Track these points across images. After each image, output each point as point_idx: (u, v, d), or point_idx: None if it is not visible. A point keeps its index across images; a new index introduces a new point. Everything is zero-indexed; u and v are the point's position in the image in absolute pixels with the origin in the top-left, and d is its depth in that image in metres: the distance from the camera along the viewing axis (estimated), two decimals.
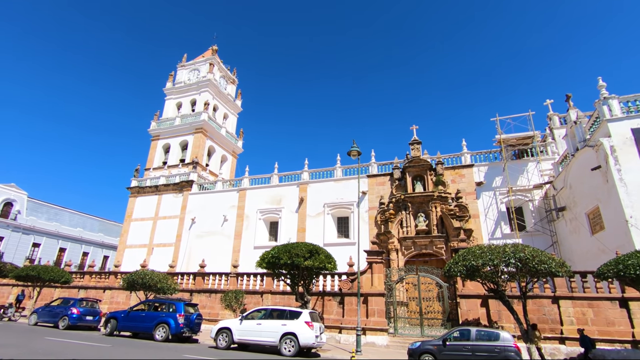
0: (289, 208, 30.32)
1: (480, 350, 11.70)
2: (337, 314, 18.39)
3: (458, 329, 12.78)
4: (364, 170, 29.34)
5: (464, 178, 26.32)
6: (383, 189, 27.91)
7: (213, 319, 19.95)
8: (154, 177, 37.63)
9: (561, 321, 14.69)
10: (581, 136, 19.51)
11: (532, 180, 24.73)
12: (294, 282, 16.32)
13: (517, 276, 12.89)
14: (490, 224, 24.88)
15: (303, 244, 16.02)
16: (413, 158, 26.71)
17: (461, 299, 16.55)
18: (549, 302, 15.18)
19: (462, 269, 12.90)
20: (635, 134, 16.19)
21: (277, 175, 32.29)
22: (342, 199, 28.76)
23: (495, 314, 15.69)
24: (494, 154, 26.59)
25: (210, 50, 46.07)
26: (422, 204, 25.38)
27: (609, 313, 14.34)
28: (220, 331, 14.42)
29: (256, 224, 30.87)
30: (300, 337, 13.03)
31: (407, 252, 24.74)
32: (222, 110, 44.73)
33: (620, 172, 15.80)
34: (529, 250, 12.18)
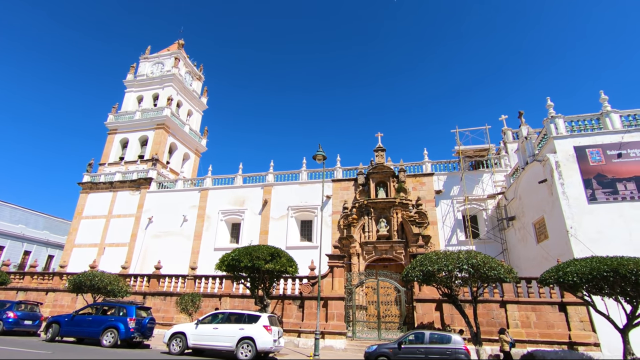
0: (252, 210, 29.89)
1: (432, 353, 12.14)
2: (297, 317, 18.32)
3: (413, 332, 13.18)
4: (329, 175, 29.59)
5: (425, 186, 27.30)
6: (347, 193, 28.29)
7: (167, 323, 19.15)
8: (109, 173, 35.62)
9: (507, 324, 15.57)
10: (531, 151, 20.92)
11: (486, 190, 26.13)
12: (254, 286, 16.08)
13: (470, 281, 13.54)
14: (447, 230, 25.95)
15: (265, 247, 15.85)
16: (377, 165, 27.32)
17: (417, 303, 17.08)
18: (497, 307, 16.05)
19: (419, 274, 13.35)
20: (577, 151, 17.61)
21: (241, 176, 31.73)
22: (306, 203, 28.78)
23: (449, 318, 16.33)
24: (452, 164, 27.82)
25: (176, 44, 44.55)
26: (384, 210, 25.99)
27: (550, 317, 15.42)
28: (174, 336, 13.87)
29: (217, 225, 30.11)
30: (258, 341, 12.83)
31: (368, 256, 25.20)
32: (187, 106, 43.34)
33: (563, 185, 17.10)
34: (481, 257, 12.84)
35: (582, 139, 17.86)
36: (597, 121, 18.47)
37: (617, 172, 16.78)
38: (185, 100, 43.01)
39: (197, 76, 46.18)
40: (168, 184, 34.02)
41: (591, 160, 17.24)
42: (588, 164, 17.23)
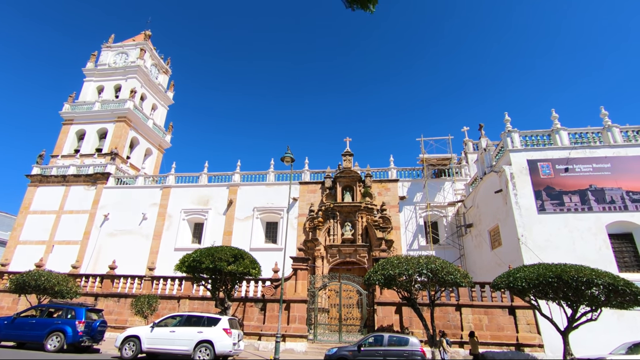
0: (217, 210, 29.21)
1: (391, 355, 12.43)
2: (258, 320, 18.09)
3: (373, 335, 13.44)
4: (297, 177, 29.56)
5: (390, 191, 27.98)
6: (314, 196, 28.39)
7: (120, 327, 18.23)
8: (62, 166, 33.40)
9: (462, 327, 16.28)
10: (489, 162, 22.08)
11: (447, 198, 27.22)
12: (215, 288, 15.70)
13: (428, 285, 14.04)
14: (409, 236, 26.74)
15: (228, 248, 15.54)
16: (344, 169, 27.67)
17: (378, 306, 17.42)
18: (453, 310, 16.73)
19: (381, 278, 13.65)
20: (529, 164, 18.81)
21: (206, 175, 30.93)
22: (272, 204, 28.56)
23: (407, 320, 16.80)
24: (417, 171, 28.74)
25: (142, 34, 42.72)
26: (350, 214, 26.35)
27: (500, 319, 16.29)
28: (126, 339, 13.21)
29: (179, 225, 29.12)
30: (217, 344, 12.54)
31: (332, 259, 25.39)
32: (151, 100, 41.65)
33: (516, 196, 18.19)
34: (439, 262, 13.35)
35: (534, 153, 19.11)
36: (548, 137, 19.83)
37: (564, 185, 18.09)
38: (150, 94, 41.33)
39: (163, 69, 44.55)
40: (127, 180, 32.48)
41: (542, 173, 18.47)
42: (539, 176, 18.45)
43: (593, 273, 11.61)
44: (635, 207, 17.23)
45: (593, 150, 18.68)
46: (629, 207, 17.26)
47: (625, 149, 18.48)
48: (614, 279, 11.57)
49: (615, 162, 18.17)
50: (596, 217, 17.31)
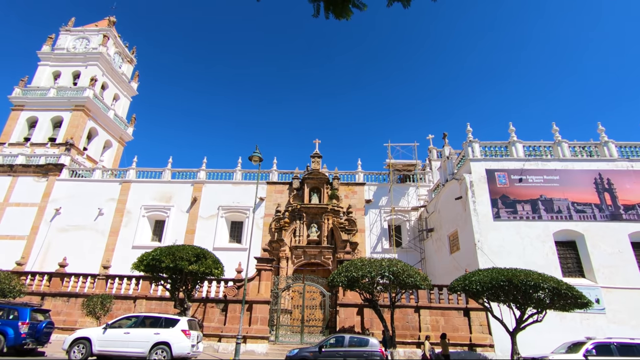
0: (180, 207, 28.30)
1: (351, 356, 12.64)
2: (219, 321, 17.72)
3: (334, 336, 13.60)
4: (265, 177, 29.31)
5: (356, 195, 28.44)
6: (281, 197, 28.26)
7: (70, 328, 17.16)
8: (8, 155, 30.95)
9: (419, 328, 16.85)
10: (451, 170, 23.04)
11: (411, 202, 28.07)
12: (174, 288, 15.20)
13: (389, 288, 14.41)
14: (373, 238, 27.29)
15: (190, 247, 15.12)
16: (312, 170, 27.79)
17: (340, 308, 17.64)
18: (412, 311, 17.28)
19: (344, 280, 13.84)
20: (488, 173, 19.84)
21: (169, 171, 29.88)
22: (238, 203, 28.11)
23: (368, 322, 17.14)
24: (383, 175, 29.42)
25: (106, 20, 40.59)
26: (316, 215, 26.48)
27: (456, 321, 17.03)
28: (76, 342, 12.49)
29: (139, 221, 27.90)
30: (174, 346, 12.15)
31: (297, 260, 25.39)
32: (113, 90, 39.63)
33: (474, 203, 19.11)
34: (401, 265, 13.76)
35: (492, 163, 20.18)
36: (505, 149, 21.02)
37: (517, 195, 19.25)
38: (112, 83, 39.32)
39: (128, 59, 42.57)
40: (83, 172, 30.68)
41: (498, 183, 19.54)
42: (496, 185, 19.50)
43: (540, 277, 12.46)
44: (579, 217, 18.66)
45: (544, 163, 20.03)
46: (574, 217, 18.66)
47: (572, 163, 19.97)
48: (558, 283, 12.48)
49: (563, 174, 19.58)
50: (545, 225, 18.56)
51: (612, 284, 17.18)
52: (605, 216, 18.61)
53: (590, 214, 18.69)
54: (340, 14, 3.99)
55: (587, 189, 19.21)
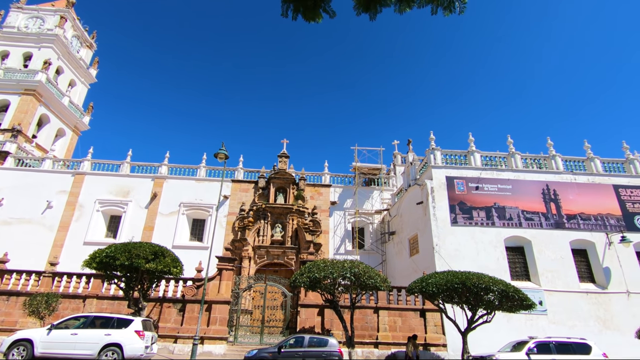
0: (138, 202, 27.09)
1: (310, 356, 12.73)
2: (176, 322, 17.15)
3: (294, 337, 13.63)
4: (230, 175, 28.79)
5: (322, 196, 28.65)
6: (246, 195, 27.88)
7: (9, 329, 15.87)
8: None
9: (378, 328, 17.27)
10: (413, 175, 23.85)
11: (375, 206, 28.72)
12: (129, 287, 14.54)
13: (350, 289, 14.67)
14: (337, 240, 27.62)
15: (147, 244, 14.53)
16: (279, 170, 27.67)
17: (301, 308, 17.69)
18: (371, 312, 17.68)
19: (306, 280, 13.92)
20: (448, 180, 20.74)
21: (129, 164, 28.52)
22: (201, 200, 27.38)
23: (329, 322, 17.33)
24: (349, 178, 29.87)
25: (64, 0, 38.05)
26: (281, 215, 26.38)
27: (412, 321, 17.64)
28: (15, 344, 11.62)
29: (92, 216, 26.37)
30: (127, 348, 11.64)
31: (260, 260, 25.14)
32: (69, 75, 37.19)
33: (434, 208, 19.91)
34: (362, 266, 14.06)
35: (452, 171, 21.13)
36: (464, 157, 22.08)
37: (473, 202, 20.29)
38: (68, 68, 36.90)
39: (87, 43, 40.15)
40: (31, 162, 28.55)
41: (457, 190, 20.50)
42: (455, 192, 20.44)
43: (490, 280, 13.22)
44: (527, 225, 19.99)
45: (499, 173, 21.27)
46: (523, 224, 19.97)
47: (523, 174, 21.36)
48: (506, 286, 13.31)
49: (515, 184, 20.90)
50: (497, 231, 19.70)
51: (554, 287, 18.57)
52: (550, 224, 20.07)
53: (537, 222, 20.08)
54: (310, 17, 4.03)
55: (535, 199, 20.63)
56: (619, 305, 18.42)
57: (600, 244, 19.76)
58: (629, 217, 20.49)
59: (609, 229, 20.08)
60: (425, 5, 3.87)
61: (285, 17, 4.08)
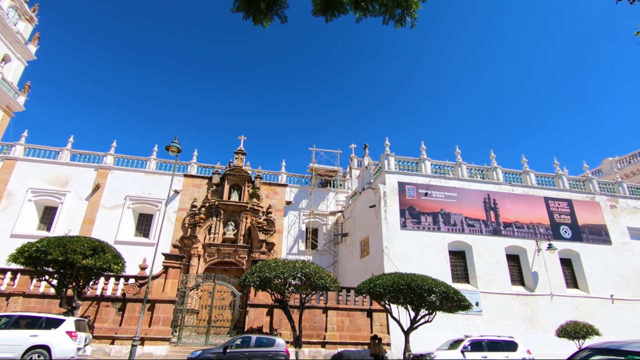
0: (78, 193, 25.17)
1: (256, 356, 12.62)
2: (114, 322, 16.15)
3: (241, 337, 13.43)
4: (182, 169, 27.71)
5: (277, 195, 28.51)
6: (199, 191, 26.99)
7: None
8: None
9: (326, 328, 17.53)
10: (368, 179, 24.52)
11: (329, 207, 29.12)
12: (62, 284, 13.45)
13: (301, 289, 14.74)
14: (290, 240, 27.62)
15: (86, 239, 13.55)
16: (235, 167, 27.11)
17: (250, 308, 17.47)
18: (320, 312, 17.90)
19: (256, 280, 13.77)
20: (399, 185, 21.59)
21: (69, 151, 26.41)
22: (149, 194, 26.06)
23: (277, 322, 17.28)
24: (305, 179, 30.02)
25: None
26: (235, 213, 25.86)
27: (359, 321, 18.12)
28: None
29: (22, 206, 24.07)
30: (55, 350, 10.75)
31: (209, 259, 24.44)
32: (3, 49, 33.56)
33: (386, 212, 20.62)
34: (313, 267, 14.19)
35: (404, 177, 22.03)
36: (416, 164, 23.12)
37: (422, 207, 21.30)
38: (3, 41, 33.31)
39: (27, 16, 36.50)
40: None
41: (407, 195, 21.40)
42: (405, 197, 21.32)
43: (433, 282, 13.96)
44: (469, 231, 21.36)
45: (447, 181, 22.53)
46: (465, 230, 21.32)
47: (468, 183, 22.82)
48: (447, 287, 14.11)
49: (460, 192, 22.26)
50: (442, 236, 20.85)
51: (489, 289, 20.02)
52: (489, 231, 21.62)
53: (478, 228, 21.54)
54: (259, 19, 4.05)
55: (477, 207, 22.11)
56: (544, 307, 20.29)
57: (531, 251, 21.65)
58: (555, 227, 22.65)
59: (538, 237, 22.05)
60: (379, 15, 4.05)
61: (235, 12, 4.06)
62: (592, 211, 23.79)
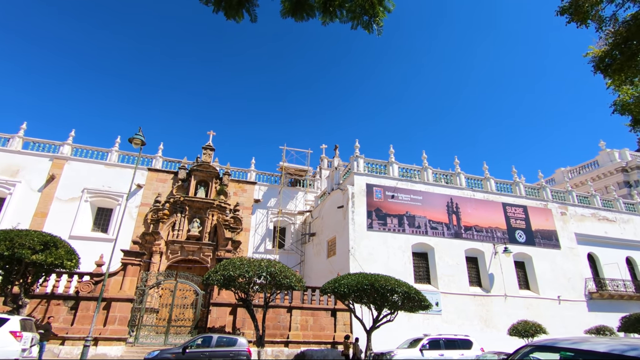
0: (30, 184, 23.58)
1: (217, 356, 12.39)
2: (65, 321, 15.28)
3: (202, 336, 13.14)
4: (147, 162, 26.69)
5: (246, 193, 28.12)
6: (163, 186, 26.09)
7: None
8: None
9: (290, 327, 17.51)
10: (337, 180, 24.75)
11: (298, 206, 29.09)
12: (8, 280, 12.57)
13: (266, 288, 14.65)
14: (257, 238, 27.34)
15: (37, 233, 12.75)
16: (202, 163, 26.46)
17: (213, 307, 17.12)
18: (285, 312, 17.85)
19: (220, 278, 13.54)
20: (368, 187, 21.96)
21: (21, 139, 24.69)
22: (109, 188, 24.88)
23: (240, 321, 17.04)
24: (275, 177, 29.82)
25: None
26: (201, 210, 25.25)
27: (323, 321, 18.25)
28: None
29: None
30: None
31: (172, 256, 23.71)
32: None
33: (353, 213, 20.91)
34: (279, 266, 14.15)
35: (373, 179, 22.44)
36: (384, 167, 23.62)
37: (389, 209, 21.79)
38: None
39: None
40: None
41: (375, 197, 21.81)
42: (373, 199, 21.72)
43: (396, 283, 14.33)
44: (432, 233, 22.10)
45: (413, 184, 23.18)
46: (429, 233, 22.04)
47: (433, 187, 23.59)
48: (409, 288, 14.54)
49: (425, 196, 22.98)
50: (406, 238, 21.43)
51: (448, 290, 20.82)
52: (451, 234, 22.48)
53: (441, 231, 22.34)
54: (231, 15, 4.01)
55: (441, 210, 22.92)
56: (498, 307, 21.38)
57: (488, 253, 22.73)
58: (511, 231, 23.92)
59: (496, 241, 23.19)
60: (347, 21, 4.13)
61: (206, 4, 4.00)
62: (545, 217, 25.34)
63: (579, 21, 5.13)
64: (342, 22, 4.11)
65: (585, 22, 5.16)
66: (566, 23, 5.30)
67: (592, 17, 5.07)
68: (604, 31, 5.14)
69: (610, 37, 5.04)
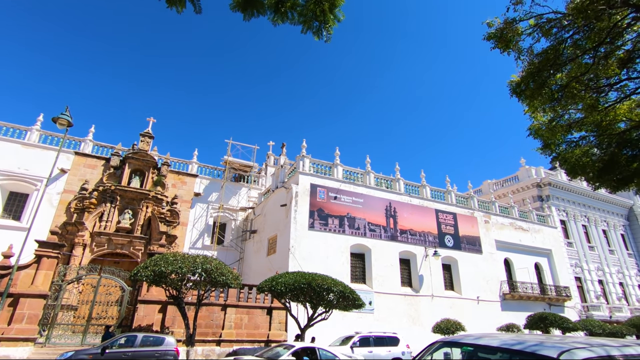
0: None
1: (141, 356, 11.69)
2: None
3: (125, 336, 12.32)
4: (74, 146, 24.34)
5: (186, 185, 26.89)
6: (92, 172, 23.99)
7: None
8: None
9: (223, 326, 17.09)
10: (282, 178, 24.67)
11: (241, 203, 28.50)
12: None
13: (200, 285, 14.14)
14: (195, 233, 26.27)
15: None
16: (139, 150, 24.80)
17: (141, 304, 16.12)
18: (219, 309, 17.38)
19: (150, 274, 12.80)
20: (312, 187, 22.19)
21: None
22: (26, 170, 22.29)
23: (170, 320, 16.25)
24: (218, 171, 28.90)
25: None
26: (134, 201, 23.64)
27: (259, 319, 18.08)
28: None
29: None
30: None
31: (98, 249, 21.90)
32: None
33: (296, 212, 21.00)
34: (215, 262, 13.74)
35: (317, 179, 22.73)
36: (329, 168, 24.05)
37: (331, 210, 22.24)
38: None
39: None
40: None
41: (318, 197, 22.12)
42: (316, 199, 22.00)
43: (332, 282, 14.66)
44: (370, 235, 22.98)
45: (355, 187, 23.89)
46: (367, 234, 22.88)
47: (374, 191, 24.54)
48: (344, 287, 14.96)
49: (366, 199, 23.83)
50: (346, 238, 22.04)
51: (382, 289, 21.80)
52: (387, 236, 23.56)
53: (378, 233, 23.31)
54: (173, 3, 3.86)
55: (379, 213, 23.92)
56: (425, 306, 22.86)
57: (420, 256, 24.21)
58: (442, 236, 25.73)
59: (427, 244, 24.78)
60: (298, 24, 4.16)
61: None
62: (471, 224, 27.64)
63: (502, 48, 5.72)
64: (293, 24, 4.13)
65: (507, 50, 5.77)
66: (491, 49, 5.87)
67: (513, 47, 5.71)
68: (522, 60, 5.82)
69: (527, 66, 5.72)
